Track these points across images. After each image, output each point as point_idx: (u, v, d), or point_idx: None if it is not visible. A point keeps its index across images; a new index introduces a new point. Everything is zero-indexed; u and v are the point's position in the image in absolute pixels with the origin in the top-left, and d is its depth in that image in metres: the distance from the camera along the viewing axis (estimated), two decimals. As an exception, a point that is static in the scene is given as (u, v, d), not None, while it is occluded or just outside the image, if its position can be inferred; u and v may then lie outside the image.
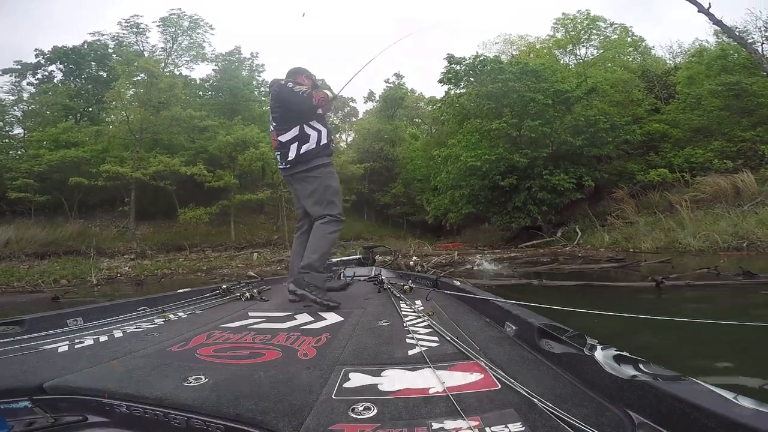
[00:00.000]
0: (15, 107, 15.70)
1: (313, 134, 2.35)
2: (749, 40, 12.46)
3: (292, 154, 2.35)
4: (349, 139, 31.66)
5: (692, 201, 9.43)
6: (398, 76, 29.03)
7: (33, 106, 15.55)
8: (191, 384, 1.04)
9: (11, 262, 10.09)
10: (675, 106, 13.68)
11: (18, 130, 15.74)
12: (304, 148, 2.33)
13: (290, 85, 2.34)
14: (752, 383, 1.58)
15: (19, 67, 16.05)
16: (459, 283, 2.24)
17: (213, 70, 19.91)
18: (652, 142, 12.94)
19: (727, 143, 10.94)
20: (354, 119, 33.11)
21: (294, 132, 2.33)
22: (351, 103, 33.75)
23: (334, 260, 4.07)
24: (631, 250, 8.52)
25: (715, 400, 0.64)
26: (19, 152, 14.86)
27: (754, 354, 1.86)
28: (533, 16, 49.68)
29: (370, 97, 31.68)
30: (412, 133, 26.23)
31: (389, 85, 28.44)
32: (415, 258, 8.01)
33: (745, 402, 0.62)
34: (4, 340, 1.53)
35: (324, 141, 2.38)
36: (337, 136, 29.83)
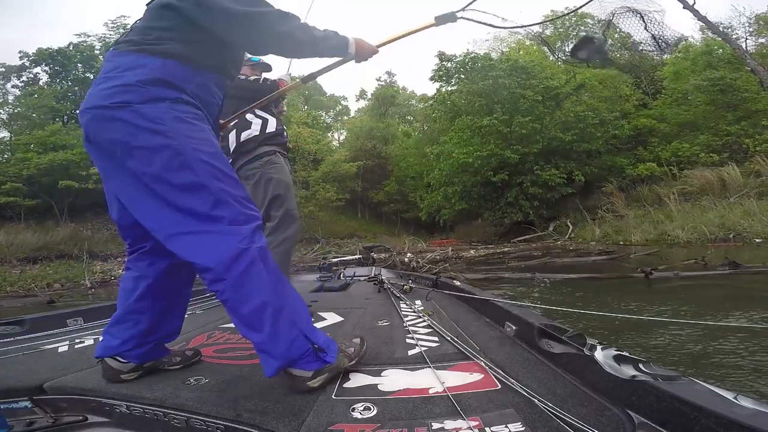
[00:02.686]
0: (0, 110, 15.40)
1: (256, 121, 2.06)
2: (733, 36, 12.67)
3: (232, 145, 2.05)
4: (342, 137, 31.54)
5: (680, 194, 9.58)
6: (390, 74, 29.04)
7: (18, 109, 15.23)
8: (191, 384, 1.05)
9: (2, 266, 9.89)
10: (662, 101, 13.85)
11: (4, 134, 15.44)
12: (244, 135, 2.04)
13: (242, 77, 2.07)
14: (752, 383, 1.60)
15: (3, 69, 15.71)
16: (459, 283, 2.25)
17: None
18: (640, 137, 13.09)
19: (713, 137, 11.11)
20: (346, 117, 33.00)
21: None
22: (342, 102, 33.61)
23: (335, 260, 4.06)
24: (622, 242, 8.63)
25: (715, 400, 0.65)
26: (5, 156, 14.55)
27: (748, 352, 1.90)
28: (523, 13, 49.75)
29: (362, 95, 31.62)
30: (404, 131, 26.21)
31: (381, 83, 28.42)
32: (409, 255, 8.02)
33: (745, 402, 0.63)
34: (4, 340, 1.53)
35: (271, 129, 2.09)
36: (329, 134, 29.69)
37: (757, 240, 6.57)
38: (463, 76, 13.98)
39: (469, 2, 1.48)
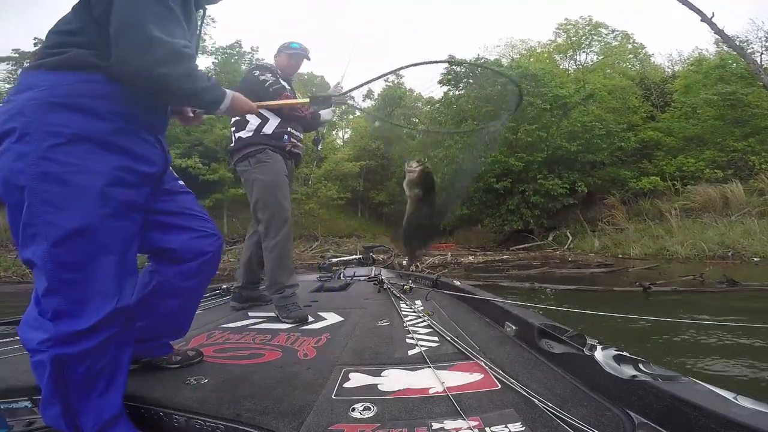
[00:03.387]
0: (9, 96, 15.44)
1: (254, 121, 1.97)
2: (749, 50, 12.61)
3: (232, 143, 2.06)
4: (346, 136, 31.55)
5: (682, 210, 9.57)
6: (398, 75, 29.02)
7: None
8: (191, 384, 1.06)
9: (-1, 250, 9.91)
10: (670, 114, 13.82)
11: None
12: (238, 135, 2.00)
13: (256, 73, 2.02)
14: (751, 383, 1.60)
15: (17, 55, 15.72)
16: (459, 283, 2.25)
17: (213, 63, 19.72)
18: (646, 150, 13.06)
19: (718, 153, 11.08)
20: (351, 116, 32.97)
21: (237, 116, 1.96)
22: (349, 100, 33.54)
23: (335, 260, 4.07)
24: (620, 255, 8.61)
25: (715, 400, 0.65)
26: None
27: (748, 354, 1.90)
28: (536, 21, 49.87)
29: (369, 95, 31.59)
30: (409, 133, 26.20)
31: (388, 84, 28.38)
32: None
33: (745, 402, 0.63)
34: (4, 340, 1.53)
35: (268, 130, 1.98)
36: (334, 133, 29.66)
37: (755, 259, 6.56)
38: (471, 81, 13.99)
39: (346, 91, 1.62)
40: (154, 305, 1.12)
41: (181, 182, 1.20)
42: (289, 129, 2.07)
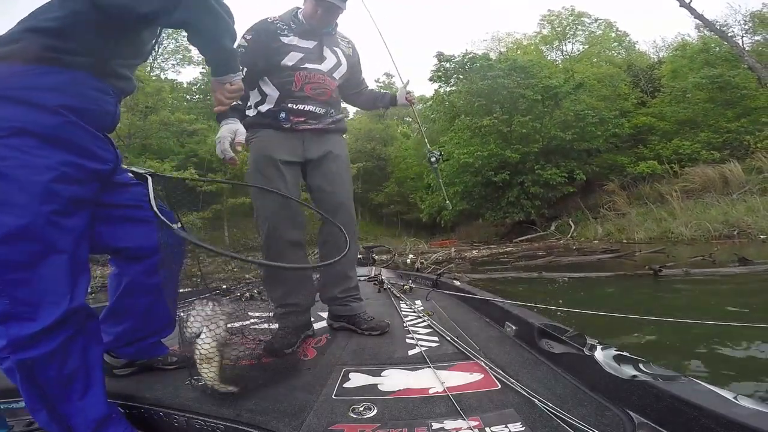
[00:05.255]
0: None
1: (254, 96, 1.63)
2: (729, 34, 12.70)
3: None
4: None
5: (682, 191, 9.55)
6: (388, 75, 29.08)
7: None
8: (191, 384, 1.05)
9: None
10: (661, 100, 13.86)
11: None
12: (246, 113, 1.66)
13: (248, 37, 1.59)
14: (752, 383, 1.58)
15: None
16: (459, 283, 2.25)
17: (200, 73, 19.81)
18: (640, 135, 13.08)
19: (713, 134, 11.11)
20: (347, 118, 33.05)
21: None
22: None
23: (334, 261, 4.07)
24: (625, 240, 8.58)
25: (715, 400, 0.64)
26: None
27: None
28: (521, 14, 49.97)
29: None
30: (403, 132, 26.26)
31: (379, 84, 28.45)
32: (411, 256, 8.00)
33: (745, 402, 0.63)
34: None
35: (263, 109, 1.61)
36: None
37: (761, 236, 6.53)
38: (461, 77, 14.00)
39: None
40: (128, 307, 1.12)
41: (130, 174, 1.13)
42: (289, 105, 1.60)
